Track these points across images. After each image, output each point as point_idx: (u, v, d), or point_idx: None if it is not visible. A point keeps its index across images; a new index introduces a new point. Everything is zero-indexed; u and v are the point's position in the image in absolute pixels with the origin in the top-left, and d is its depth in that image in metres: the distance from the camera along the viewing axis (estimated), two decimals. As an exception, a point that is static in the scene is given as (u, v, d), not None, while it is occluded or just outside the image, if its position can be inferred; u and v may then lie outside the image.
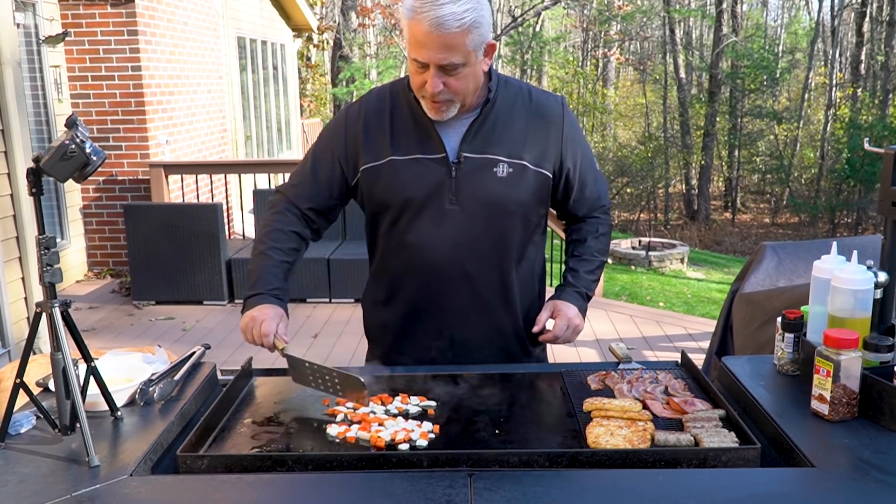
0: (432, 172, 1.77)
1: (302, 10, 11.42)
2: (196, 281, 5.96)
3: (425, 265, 1.81)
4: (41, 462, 1.33)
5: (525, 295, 1.92)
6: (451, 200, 1.77)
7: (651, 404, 1.53)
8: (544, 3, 16.56)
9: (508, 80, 1.85)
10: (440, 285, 1.82)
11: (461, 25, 1.59)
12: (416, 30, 1.61)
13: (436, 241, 1.79)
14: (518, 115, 1.81)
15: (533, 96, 1.85)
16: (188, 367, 1.71)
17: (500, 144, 1.78)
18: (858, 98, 19.59)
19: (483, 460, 1.31)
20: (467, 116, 1.78)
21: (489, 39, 1.67)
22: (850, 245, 2.13)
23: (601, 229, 1.97)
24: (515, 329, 1.92)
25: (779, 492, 1.23)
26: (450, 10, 1.58)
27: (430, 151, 1.77)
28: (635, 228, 18.85)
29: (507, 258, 1.86)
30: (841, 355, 1.41)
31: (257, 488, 1.25)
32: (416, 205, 1.78)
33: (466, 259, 1.81)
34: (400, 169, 1.78)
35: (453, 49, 1.61)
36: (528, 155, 1.79)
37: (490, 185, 1.78)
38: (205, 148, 8.33)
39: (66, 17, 6.59)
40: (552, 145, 1.83)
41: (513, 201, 1.80)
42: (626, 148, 22.43)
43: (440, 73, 1.64)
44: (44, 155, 1.36)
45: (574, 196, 1.91)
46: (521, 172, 1.79)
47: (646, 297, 9.43)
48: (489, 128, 1.78)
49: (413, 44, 1.63)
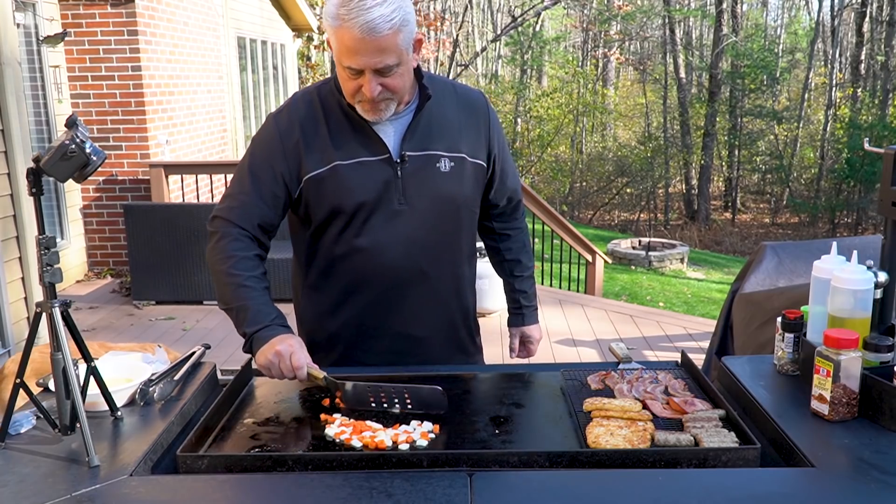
0: (378, 173, 1.75)
1: (302, 10, 11.41)
2: (196, 281, 5.96)
3: (379, 268, 1.79)
4: (41, 462, 1.33)
5: (472, 286, 1.98)
6: (401, 201, 1.76)
7: (651, 404, 1.53)
8: (544, 3, 16.55)
9: (432, 76, 1.84)
10: (395, 286, 1.81)
11: (392, 27, 1.57)
12: (346, 37, 1.57)
13: (389, 243, 1.78)
14: (449, 108, 1.81)
15: (458, 90, 1.87)
16: (188, 367, 1.71)
17: (438, 140, 1.78)
18: (858, 98, 19.58)
19: (483, 460, 1.31)
20: (401, 115, 1.76)
21: (416, 34, 1.66)
22: (850, 245, 2.13)
23: (526, 242, 2.10)
24: (465, 320, 1.97)
25: (779, 492, 1.23)
26: (378, 12, 1.55)
27: (374, 153, 1.75)
28: (635, 228, 18.85)
29: (459, 252, 1.89)
30: (841, 355, 1.41)
31: (257, 488, 1.25)
32: (367, 208, 1.76)
33: (421, 257, 1.81)
34: (346, 173, 1.74)
35: (387, 51, 1.59)
36: (464, 147, 1.81)
37: (436, 180, 1.78)
38: (205, 148, 8.33)
39: (66, 17, 6.59)
40: (482, 136, 1.85)
41: (459, 195, 1.82)
42: (626, 148, 22.43)
43: (376, 76, 1.62)
44: (44, 155, 1.36)
45: (496, 186, 1.95)
46: (461, 165, 1.81)
47: (646, 297, 9.43)
48: (426, 124, 1.78)
49: (344, 52, 1.59)
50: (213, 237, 1.77)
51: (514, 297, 2.09)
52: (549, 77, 24.47)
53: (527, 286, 2.09)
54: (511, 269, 2.08)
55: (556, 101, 21.48)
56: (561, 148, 22.24)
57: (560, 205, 20.00)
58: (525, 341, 2.11)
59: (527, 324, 2.09)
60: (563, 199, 20.93)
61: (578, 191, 21.70)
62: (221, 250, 1.74)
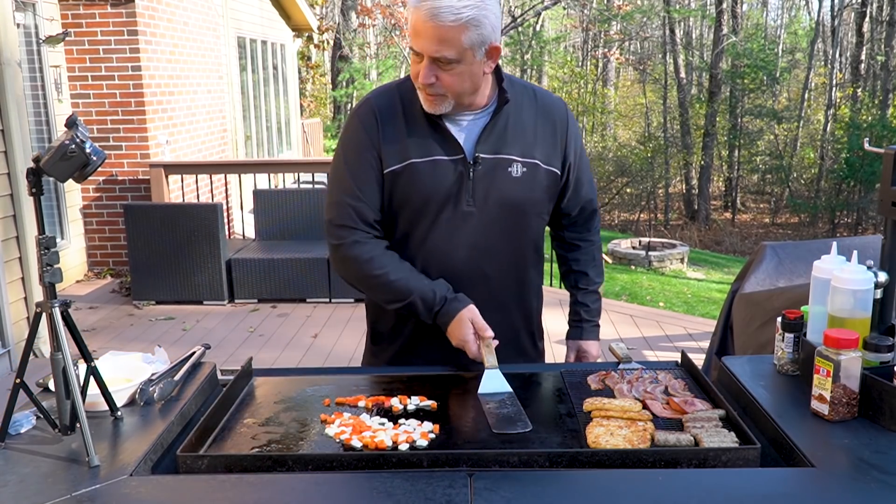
0: (451, 173, 1.75)
1: (302, 10, 11.42)
2: (196, 281, 5.96)
3: (443, 268, 1.80)
4: (41, 462, 1.33)
5: (538, 291, 1.97)
6: (469, 202, 1.77)
7: (651, 404, 1.53)
8: (544, 3, 16.56)
9: (513, 79, 1.85)
10: (456, 286, 1.80)
11: (457, 20, 1.58)
12: (415, 18, 1.61)
13: (454, 244, 1.79)
14: (527, 113, 1.81)
15: (538, 95, 1.86)
16: (188, 367, 1.70)
17: (512, 144, 1.78)
18: (858, 98, 19.59)
19: (483, 460, 1.31)
20: (478, 116, 1.77)
21: (493, 41, 1.65)
22: (850, 245, 2.13)
23: (596, 256, 2.04)
24: (527, 325, 1.95)
25: (779, 492, 1.23)
26: (448, 3, 1.58)
27: (448, 152, 1.76)
28: (635, 228, 18.86)
29: (524, 258, 1.88)
30: (841, 355, 1.41)
31: (257, 488, 1.25)
32: (436, 206, 1.77)
33: (484, 261, 1.81)
34: (420, 171, 1.75)
35: (447, 42, 1.60)
36: (539, 153, 1.80)
37: (506, 185, 1.78)
38: (205, 148, 8.33)
39: (66, 17, 6.59)
40: (558, 144, 1.84)
41: (528, 201, 1.82)
42: (626, 148, 22.43)
43: (433, 65, 1.64)
44: (44, 155, 1.36)
45: (569, 195, 1.93)
46: (534, 171, 1.80)
47: (646, 297, 9.43)
48: (501, 127, 1.78)
49: (412, 32, 1.64)
50: (343, 246, 1.78)
51: (576, 310, 2.04)
52: (549, 77, 24.46)
53: (590, 300, 2.03)
54: (576, 280, 2.04)
55: (556, 101, 21.45)
56: (561, 148, 22.20)
57: (560, 205, 19.95)
58: (581, 356, 2.04)
59: (585, 338, 2.03)
60: (563, 199, 20.89)
61: (578, 191, 21.66)
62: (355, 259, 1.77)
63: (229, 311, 5.88)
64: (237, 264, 5.99)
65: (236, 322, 5.64)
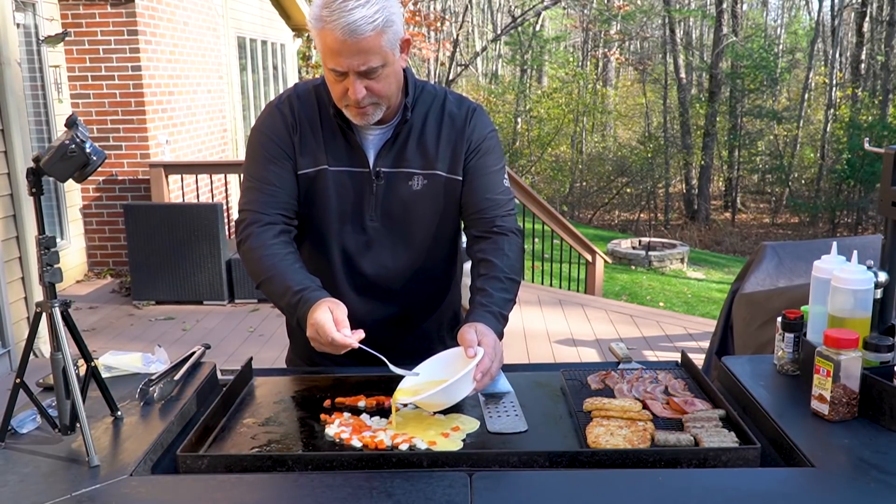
0: (356, 186, 1.73)
1: (302, 10, 11.40)
2: (196, 281, 5.97)
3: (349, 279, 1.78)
4: (41, 462, 1.33)
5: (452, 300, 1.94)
6: (372, 217, 1.75)
7: (651, 404, 1.53)
8: (544, 3, 16.55)
9: (426, 86, 1.80)
10: (368, 307, 1.78)
11: (374, 28, 1.54)
12: (329, 39, 1.55)
13: (358, 258, 1.77)
14: (431, 123, 1.76)
15: (447, 101, 1.79)
16: (188, 367, 1.70)
17: (413, 156, 1.74)
18: (858, 98, 19.58)
19: (483, 460, 1.31)
20: (384, 130, 1.73)
21: (403, 35, 1.62)
22: (850, 245, 2.13)
23: (506, 248, 1.76)
24: (440, 334, 1.93)
25: (779, 492, 1.23)
26: (360, 14, 1.52)
27: (356, 164, 1.73)
28: (635, 228, 18.86)
29: (433, 269, 1.85)
30: (841, 355, 1.41)
31: (257, 488, 1.25)
32: (340, 219, 1.74)
33: (390, 276, 1.79)
34: (330, 180, 1.72)
35: (370, 53, 1.56)
36: (440, 164, 1.75)
37: (408, 198, 1.74)
38: (205, 148, 8.33)
39: (66, 17, 6.59)
40: (461, 150, 1.76)
41: (429, 213, 1.78)
42: (626, 148, 22.44)
43: (360, 78, 1.59)
44: (44, 155, 1.36)
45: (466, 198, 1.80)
46: (434, 182, 1.75)
47: (646, 297, 9.44)
48: (402, 140, 1.74)
49: (328, 54, 1.58)
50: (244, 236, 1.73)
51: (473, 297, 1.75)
52: (550, 77, 24.47)
53: (489, 285, 1.71)
54: (479, 269, 1.77)
55: (556, 102, 21.49)
56: (561, 148, 22.24)
57: (560, 205, 20.00)
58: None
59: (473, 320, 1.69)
60: (563, 199, 20.93)
61: (578, 191, 21.71)
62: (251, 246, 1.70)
63: (229, 311, 5.88)
64: (237, 264, 5.99)
65: (236, 322, 5.64)
